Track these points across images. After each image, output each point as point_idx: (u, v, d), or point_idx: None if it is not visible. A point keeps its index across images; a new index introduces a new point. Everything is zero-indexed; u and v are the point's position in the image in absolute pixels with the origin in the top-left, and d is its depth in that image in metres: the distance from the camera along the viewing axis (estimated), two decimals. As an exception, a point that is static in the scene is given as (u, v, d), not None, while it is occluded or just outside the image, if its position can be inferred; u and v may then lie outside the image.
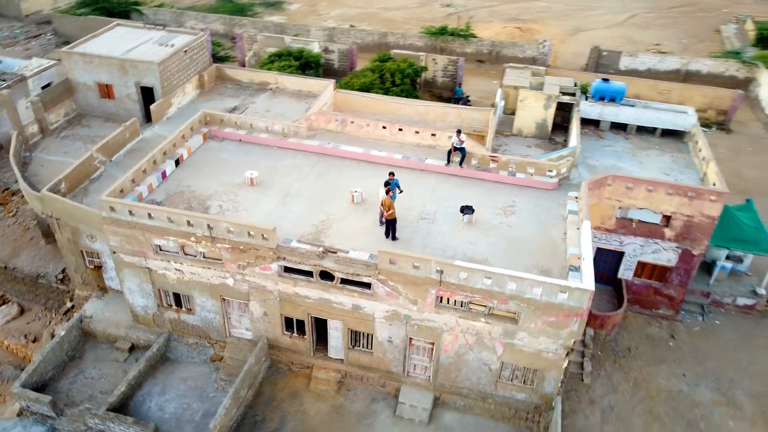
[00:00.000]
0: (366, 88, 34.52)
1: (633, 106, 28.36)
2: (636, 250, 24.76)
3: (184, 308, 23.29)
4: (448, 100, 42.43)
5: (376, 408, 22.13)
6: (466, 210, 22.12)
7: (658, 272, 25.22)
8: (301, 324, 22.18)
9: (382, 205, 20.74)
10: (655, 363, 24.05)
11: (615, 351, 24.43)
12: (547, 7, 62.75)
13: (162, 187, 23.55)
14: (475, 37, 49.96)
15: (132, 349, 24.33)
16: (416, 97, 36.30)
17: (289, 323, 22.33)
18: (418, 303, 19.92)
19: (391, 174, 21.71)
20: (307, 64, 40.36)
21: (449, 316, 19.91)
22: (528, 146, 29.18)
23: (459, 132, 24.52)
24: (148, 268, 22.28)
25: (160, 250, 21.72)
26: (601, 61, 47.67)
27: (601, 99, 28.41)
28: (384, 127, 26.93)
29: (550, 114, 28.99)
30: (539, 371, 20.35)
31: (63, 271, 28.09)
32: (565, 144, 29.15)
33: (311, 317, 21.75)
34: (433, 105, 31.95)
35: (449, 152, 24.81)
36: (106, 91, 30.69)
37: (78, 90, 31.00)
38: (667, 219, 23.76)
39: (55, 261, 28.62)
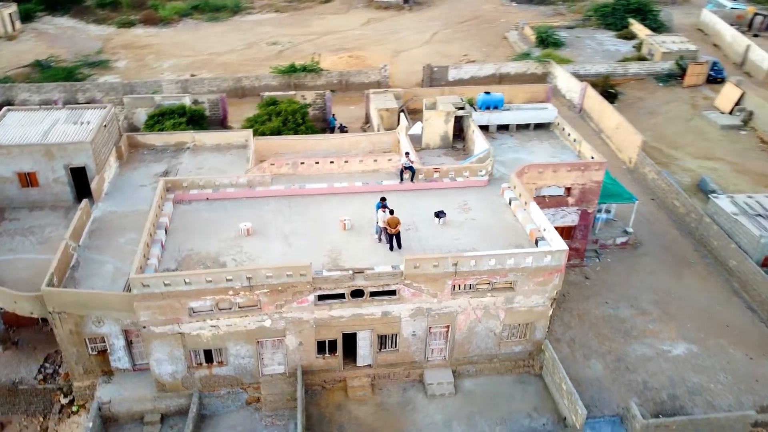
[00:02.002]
0: (277, 132, 37.36)
1: (509, 110, 35.67)
2: (550, 219, 31.71)
3: (215, 362, 24.60)
4: (324, 131, 46.63)
5: (410, 395, 25.94)
6: (440, 214, 26.99)
7: (566, 232, 32.52)
8: (332, 344, 25.05)
9: (387, 223, 24.59)
10: (585, 300, 31.27)
11: (555, 299, 31.12)
12: (361, 35, 69.81)
13: (167, 255, 24.57)
14: (323, 70, 54.69)
15: (162, 419, 24.83)
16: (317, 133, 40.02)
17: (321, 346, 25.05)
18: (437, 295, 24.27)
19: (383, 198, 25.67)
20: (191, 119, 41.53)
21: (462, 299, 24.60)
22: (438, 156, 34.80)
23: (407, 153, 29.29)
24: (180, 333, 23.32)
25: (194, 312, 23.02)
26: (433, 76, 55.67)
27: (487, 108, 35.22)
28: (332, 162, 30.56)
29: (450, 127, 34.97)
30: (531, 324, 26.01)
31: (40, 371, 26.85)
32: (465, 149, 35.44)
33: (342, 334, 24.79)
34: (346, 137, 36.12)
35: (401, 171, 29.41)
36: (27, 179, 29.46)
37: (-8, 185, 29.33)
38: (568, 190, 31.11)
39: (24, 364, 27.09)
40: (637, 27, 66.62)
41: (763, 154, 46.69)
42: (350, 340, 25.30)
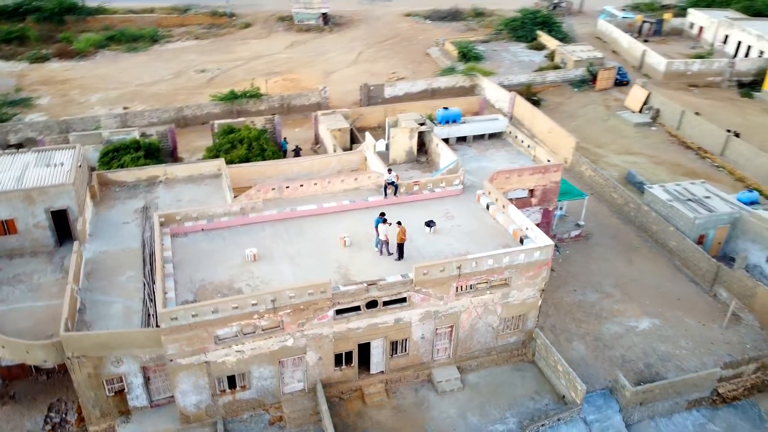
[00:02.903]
0: (245, 159, 37.95)
1: (465, 122, 38.45)
2: (517, 220, 34.66)
3: (238, 387, 25.14)
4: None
5: (422, 394, 27.64)
6: (431, 223, 29.04)
7: (531, 230, 35.60)
8: (348, 355, 26.33)
9: (400, 235, 26.32)
10: (556, 290, 34.31)
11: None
12: (289, 58, 70.90)
13: (180, 288, 24.88)
14: (264, 95, 55.37)
15: (188, 450, 25.02)
16: (281, 157, 40.98)
17: (338, 359, 26.25)
18: (443, 298, 26.23)
19: (382, 214, 27.31)
20: (148, 152, 41.15)
21: (465, 299, 26.71)
22: (406, 170, 36.87)
23: (390, 170, 31.15)
24: (206, 362, 23.76)
25: (219, 339, 23.57)
26: (370, 94, 57.85)
27: (447, 122, 37.79)
28: (315, 184, 31.84)
29: (414, 142, 37.21)
30: (523, 315, 28.55)
31: (46, 421, 26.09)
32: (428, 162, 37.80)
33: (357, 345, 26.13)
34: (316, 158, 37.43)
35: (385, 187, 31.19)
36: (4, 227, 28.49)
37: (-33, 236, 28.12)
38: (531, 191, 34.21)
39: (27, 417, 26.21)
40: (545, 38, 72.35)
41: (673, 147, 52.63)
42: (363, 349, 26.67)
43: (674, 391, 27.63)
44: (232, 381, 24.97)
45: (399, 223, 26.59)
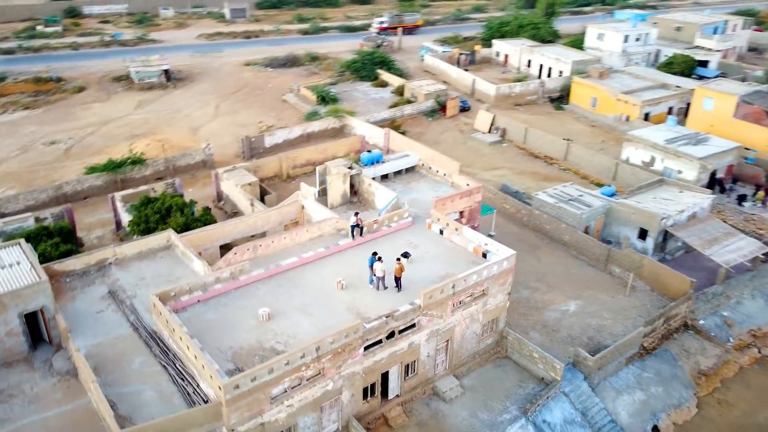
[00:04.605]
0: (185, 227, 37.47)
1: (385, 162, 42.42)
2: (452, 239, 39.39)
3: (285, 442, 26.01)
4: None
5: (434, 406, 30.71)
6: (406, 255, 32.41)
7: (463, 246, 40.58)
8: (373, 386, 28.51)
9: (400, 270, 29.28)
10: (495, 293, 39.64)
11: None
12: (144, 119, 68.58)
13: (216, 359, 25.10)
14: (147, 160, 53.59)
15: None
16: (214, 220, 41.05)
17: (365, 392, 28.29)
18: (443, 316, 29.77)
19: (375, 253, 30.02)
20: (63, 237, 38.59)
21: (458, 313, 30.52)
22: (345, 211, 39.60)
23: (357, 214, 33.90)
24: (262, 423, 24.43)
25: (273, 399, 24.45)
26: (252, 146, 59.10)
27: (372, 164, 41.38)
28: (285, 237, 33.36)
29: (347, 186, 40.19)
30: (496, 318, 33.14)
31: None
32: (361, 201, 41.01)
33: (380, 375, 28.49)
34: (258, 215, 38.52)
35: (352, 230, 33.81)
36: (-28, 342, 25.77)
37: (-70, 360, 24.90)
38: (461, 213, 39.26)
39: None
40: (386, 76, 79.42)
41: (525, 158, 62.02)
42: (383, 378, 29.05)
43: (618, 353, 34.22)
44: (280, 438, 25.81)
45: (398, 260, 29.66)
